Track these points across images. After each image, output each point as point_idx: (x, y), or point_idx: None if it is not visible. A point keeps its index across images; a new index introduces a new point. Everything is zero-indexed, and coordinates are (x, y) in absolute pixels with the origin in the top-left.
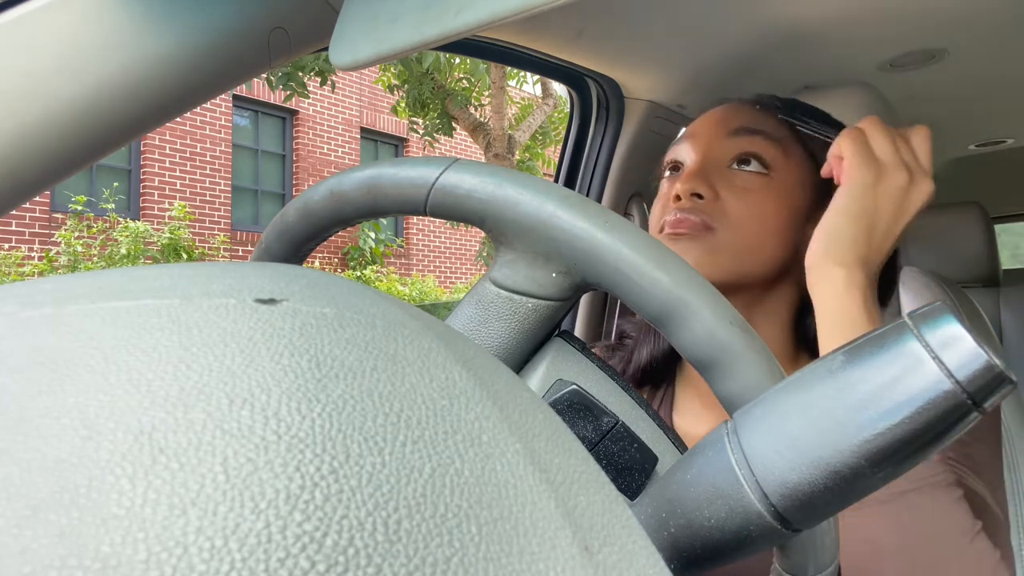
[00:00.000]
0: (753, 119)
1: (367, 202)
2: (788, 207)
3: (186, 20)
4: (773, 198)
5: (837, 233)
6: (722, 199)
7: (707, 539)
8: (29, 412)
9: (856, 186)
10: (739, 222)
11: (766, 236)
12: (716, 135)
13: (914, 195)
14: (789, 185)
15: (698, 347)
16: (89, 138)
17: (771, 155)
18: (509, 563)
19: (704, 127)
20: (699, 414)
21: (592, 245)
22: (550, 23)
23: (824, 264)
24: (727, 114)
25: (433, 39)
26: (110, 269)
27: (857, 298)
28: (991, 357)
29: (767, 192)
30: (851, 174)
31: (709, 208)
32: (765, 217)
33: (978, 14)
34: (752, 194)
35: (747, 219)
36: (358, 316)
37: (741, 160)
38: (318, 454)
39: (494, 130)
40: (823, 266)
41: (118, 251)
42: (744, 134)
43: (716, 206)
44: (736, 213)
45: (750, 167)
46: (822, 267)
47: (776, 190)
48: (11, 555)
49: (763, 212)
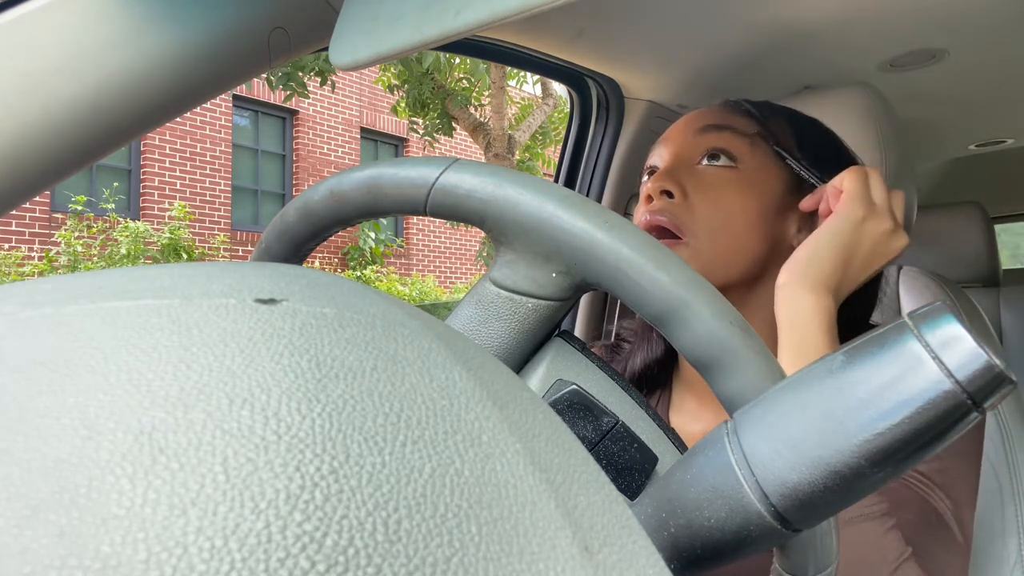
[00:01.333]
0: (721, 117)
1: (367, 202)
2: (758, 198)
3: (186, 20)
4: (742, 191)
5: (817, 258)
6: (691, 199)
7: (707, 539)
8: (29, 412)
9: (848, 219)
10: (709, 224)
11: (738, 234)
12: (685, 134)
13: (892, 243)
14: (758, 176)
15: (698, 347)
16: (89, 138)
17: (738, 148)
18: (509, 563)
19: (675, 130)
20: (696, 413)
21: (592, 245)
22: (550, 23)
23: (796, 287)
24: (697, 115)
25: (433, 39)
26: (110, 269)
27: (824, 324)
28: (991, 357)
29: (736, 186)
30: (847, 207)
31: (679, 210)
32: (735, 213)
33: (978, 14)
34: (721, 191)
35: (717, 219)
36: (358, 316)
37: (711, 156)
38: (318, 454)
39: (494, 130)
40: (795, 289)
41: (118, 251)
42: (712, 131)
43: (685, 207)
44: (705, 214)
45: (719, 162)
46: (793, 290)
47: (745, 182)
48: (11, 555)
49: (732, 208)
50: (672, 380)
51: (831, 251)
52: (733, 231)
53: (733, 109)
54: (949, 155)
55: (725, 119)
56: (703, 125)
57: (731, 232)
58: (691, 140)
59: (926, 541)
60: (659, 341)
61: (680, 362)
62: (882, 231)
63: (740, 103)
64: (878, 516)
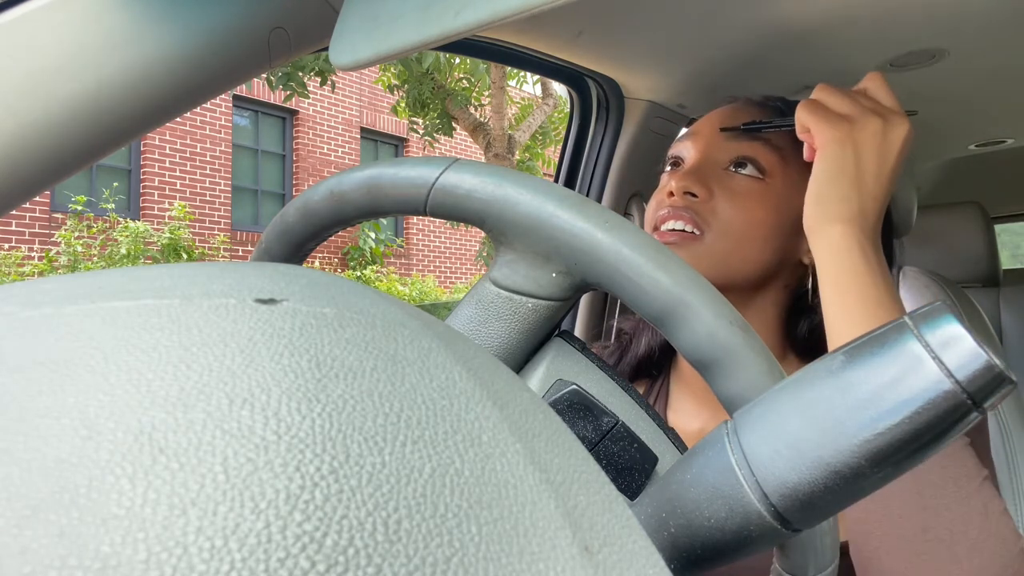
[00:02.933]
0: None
1: (367, 202)
2: (780, 214)
3: (186, 20)
4: (765, 204)
5: (823, 196)
6: (715, 200)
7: (707, 539)
8: (29, 412)
9: (827, 146)
10: (728, 225)
11: (754, 240)
12: (717, 135)
13: (892, 135)
14: (784, 192)
15: (698, 347)
16: (89, 138)
17: (768, 161)
18: (509, 563)
19: (707, 126)
20: (694, 411)
21: (592, 245)
22: (550, 23)
23: (819, 225)
24: (733, 114)
25: (433, 39)
26: (110, 269)
27: (855, 250)
28: (991, 357)
29: (761, 197)
30: (820, 138)
31: (701, 208)
32: (754, 223)
33: (978, 14)
34: (746, 199)
35: (736, 223)
36: (358, 316)
37: (738, 163)
38: (318, 454)
39: (494, 130)
40: (818, 227)
41: (118, 251)
42: (745, 137)
43: (708, 206)
44: (726, 216)
45: (746, 171)
46: (817, 228)
47: (770, 196)
48: (11, 555)
49: (753, 218)
50: (670, 378)
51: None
52: (749, 239)
53: (771, 113)
54: (949, 155)
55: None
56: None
57: (747, 239)
58: (722, 143)
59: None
60: None
61: (677, 360)
62: (871, 132)
63: (779, 104)
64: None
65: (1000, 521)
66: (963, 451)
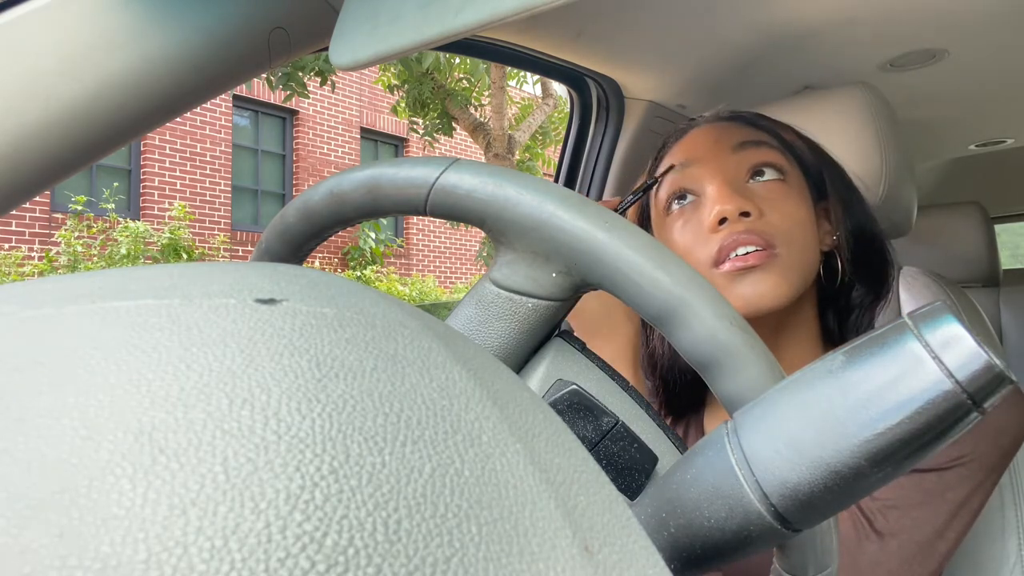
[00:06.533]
0: (747, 133)
1: (367, 202)
2: (806, 205)
3: (186, 20)
4: (796, 201)
5: None
6: (766, 215)
7: (707, 539)
8: (29, 412)
9: None
10: (788, 234)
11: (808, 239)
12: (722, 153)
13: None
14: (800, 184)
15: (698, 347)
16: (89, 138)
17: (779, 160)
18: (509, 563)
19: (704, 149)
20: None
21: (592, 245)
22: (550, 23)
23: None
24: (721, 132)
25: (433, 39)
26: (110, 269)
27: None
28: (991, 357)
29: (792, 196)
30: None
31: (756, 225)
32: (803, 221)
33: (978, 14)
34: (783, 203)
35: (791, 228)
36: (358, 316)
37: (756, 172)
38: (318, 454)
39: (494, 130)
40: None
41: (118, 251)
42: (750, 147)
43: (761, 222)
44: (782, 225)
45: (765, 177)
46: None
47: (795, 192)
48: (11, 555)
49: (800, 217)
50: (704, 410)
51: None
52: (804, 240)
53: (751, 122)
54: (949, 155)
55: (753, 134)
56: (738, 142)
57: (804, 241)
58: (732, 158)
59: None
60: None
61: (710, 392)
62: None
63: (752, 116)
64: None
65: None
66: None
